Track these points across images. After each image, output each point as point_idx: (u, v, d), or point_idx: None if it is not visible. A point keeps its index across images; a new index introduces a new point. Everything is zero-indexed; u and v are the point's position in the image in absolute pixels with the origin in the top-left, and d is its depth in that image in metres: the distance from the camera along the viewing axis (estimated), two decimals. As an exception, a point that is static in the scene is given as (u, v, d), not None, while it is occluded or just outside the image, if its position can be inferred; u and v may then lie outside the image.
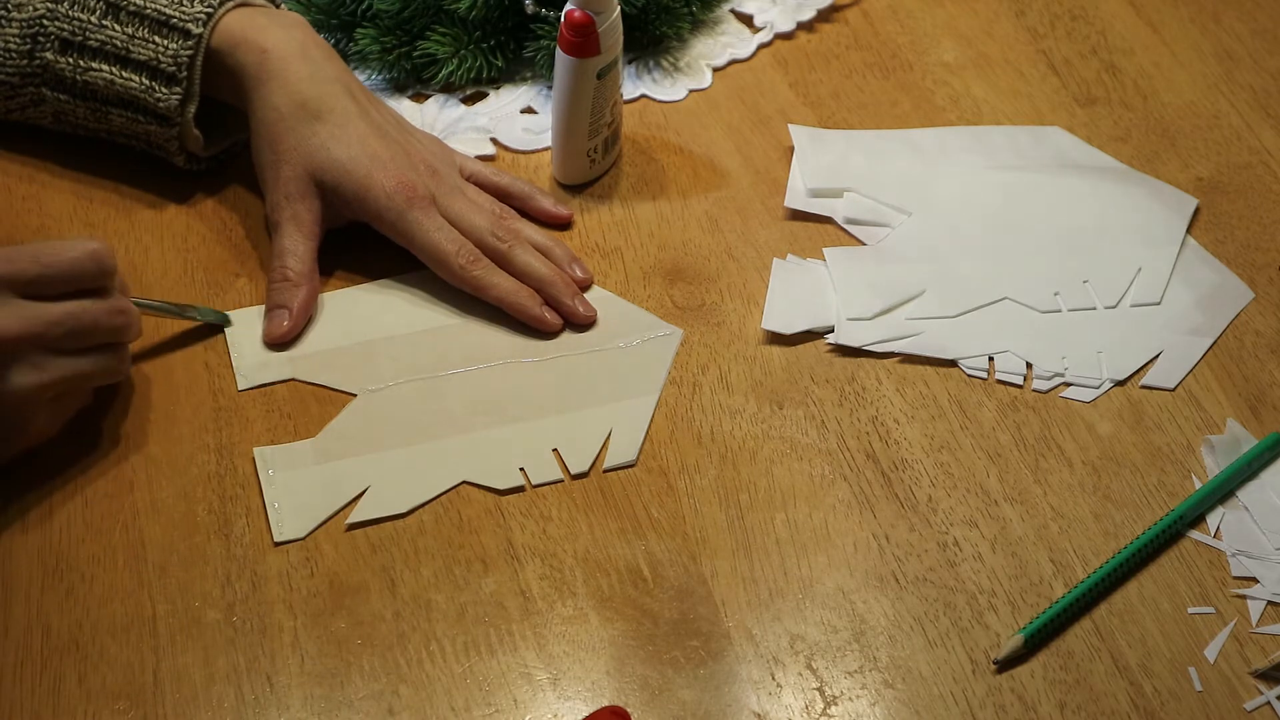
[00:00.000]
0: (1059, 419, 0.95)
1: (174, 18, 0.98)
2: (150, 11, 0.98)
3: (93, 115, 1.01)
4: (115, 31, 0.98)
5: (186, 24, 0.98)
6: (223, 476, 0.90)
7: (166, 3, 0.98)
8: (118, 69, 0.98)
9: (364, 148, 0.97)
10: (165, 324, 0.96)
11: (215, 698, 0.81)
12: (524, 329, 0.97)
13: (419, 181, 0.98)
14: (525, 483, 0.90)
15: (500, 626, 0.85)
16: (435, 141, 1.04)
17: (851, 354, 0.98)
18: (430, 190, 0.98)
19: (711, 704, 0.82)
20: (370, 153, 0.97)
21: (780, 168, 1.08)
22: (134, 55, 0.98)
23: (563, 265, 1.00)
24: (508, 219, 1.01)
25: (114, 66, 0.99)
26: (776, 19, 1.18)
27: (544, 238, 1.01)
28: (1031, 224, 1.05)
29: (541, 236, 1.01)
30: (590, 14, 0.99)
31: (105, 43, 0.98)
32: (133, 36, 0.98)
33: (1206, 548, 0.89)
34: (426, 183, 0.98)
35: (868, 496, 0.91)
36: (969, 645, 0.85)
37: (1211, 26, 1.19)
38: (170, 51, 0.98)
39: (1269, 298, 1.02)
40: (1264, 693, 0.83)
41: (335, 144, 0.97)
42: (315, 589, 0.85)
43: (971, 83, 1.15)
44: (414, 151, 1.00)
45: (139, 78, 0.98)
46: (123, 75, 0.98)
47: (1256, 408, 0.96)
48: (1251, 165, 1.10)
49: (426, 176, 0.99)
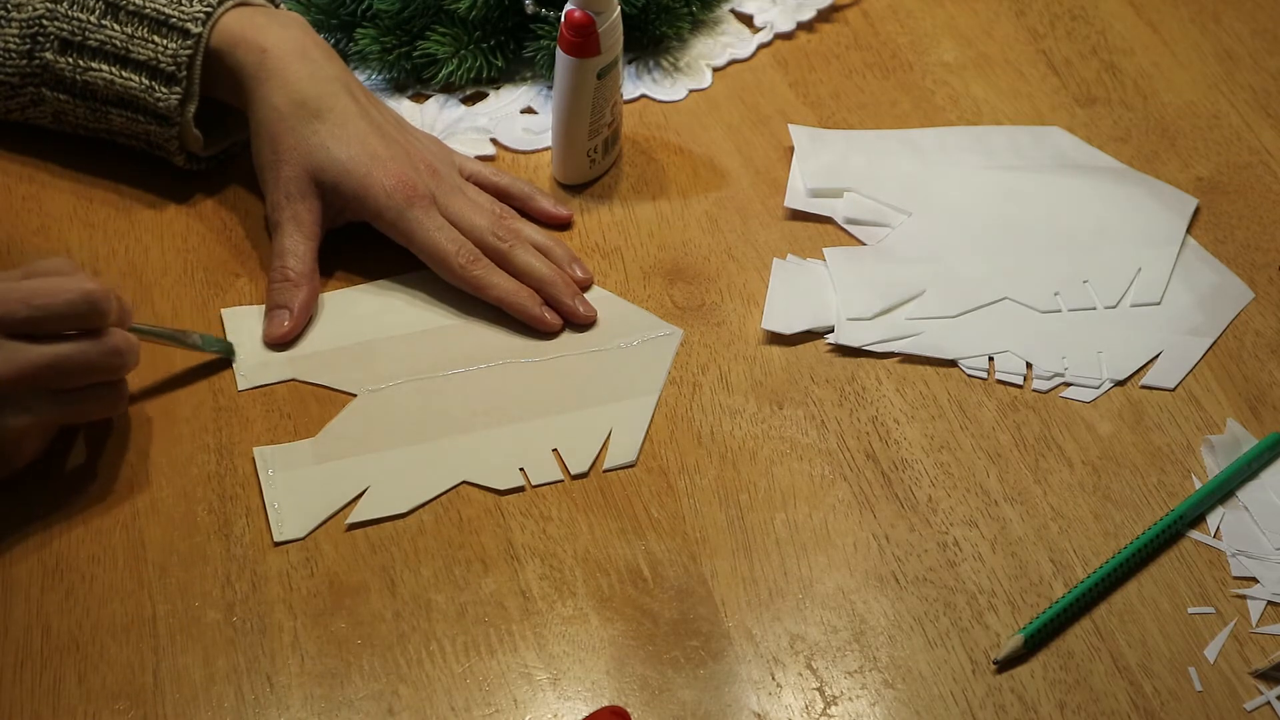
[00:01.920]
0: (1059, 419, 0.95)
1: (173, 17, 0.98)
2: (150, 11, 0.98)
3: (92, 115, 1.01)
4: (115, 31, 0.98)
5: (185, 23, 0.98)
6: (223, 476, 0.90)
7: (166, 2, 0.98)
8: (117, 69, 0.98)
9: (364, 147, 0.97)
10: (164, 320, 0.96)
11: (215, 698, 0.81)
12: (524, 329, 0.97)
13: (419, 180, 0.98)
14: (525, 483, 0.90)
15: (500, 626, 0.85)
16: (435, 141, 1.04)
17: (851, 354, 0.98)
18: (430, 189, 0.98)
19: (711, 704, 0.82)
20: (370, 151, 0.97)
21: (780, 168, 1.08)
22: (133, 55, 0.98)
23: (563, 265, 1.00)
24: (508, 219, 1.01)
25: (114, 66, 0.98)
26: (776, 19, 1.18)
27: (544, 238, 1.01)
28: (1031, 224, 1.05)
29: (541, 236, 1.01)
30: (590, 14, 0.99)
31: (105, 42, 0.98)
32: (132, 36, 0.98)
33: (1206, 548, 0.89)
34: (427, 182, 0.98)
35: (868, 496, 0.91)
36: (969, 645, 0.85)
37: (1211, 26, 1.19)
38: (169, 51, 0.98)
39: (1269, 298, 1.02)
40: (1264, 693, 0.83)
41: (335, 143, 0.97)
42: (315, 589, 0.85)
43: (971, 83, 1.15)
44: (414, 151, 1.00)
45: (139, 77, 0.98)
46: (122, 75, 0.98)
47: (1256, 408, 0.96)
48: (1251, 165, 1.10)
49: (426, 176, 0.99)
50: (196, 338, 0.94)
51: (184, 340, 0.93)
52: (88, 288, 0.84)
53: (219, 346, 0.95)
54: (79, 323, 0.84)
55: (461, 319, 0.98)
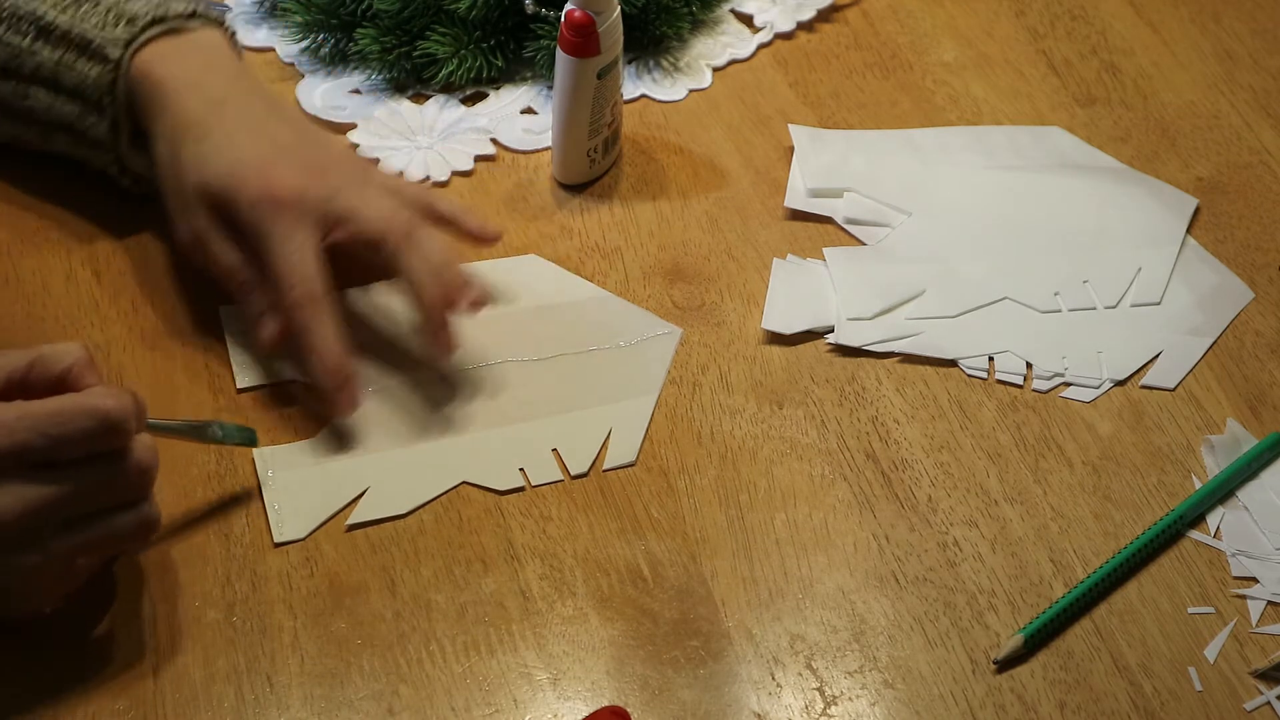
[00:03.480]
0: (1059, 419, 0.95)
1: (95, 42, 0.95)
2: (75, 36, 0.95)
3: (41, 138, 0.99)
4: (45, 56, 0.95)
5: (106, 48, 0.95)
6: (223, 476, 0.90)
7: (93, 25, 0.95)
8: (52, 95, 0.96)
9: (243, 159, 0.91)
10: (164, 320, 0.96)
11: (215, 698, 0.81)
12: (524, 329, 0.97)
13: (298, 192, 0.90)
14: (525, 483, 0.91)
15: (500, 626, 0.85)
16: (348, 156, 0.98)
17: (851, 354, 0.98)
18: (312, 205, 0.90)
19: (711, 704, 0.82)
20: (249, 162, 0.91)
21: (780, 168, 1.08)
22: (62, 81, 0.96)
23: (429, 310, 0.91)
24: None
25: (49, 92, 0.96)
26: (776, 19, 1.18)
27: (428, 276, 0.91)
28: (1031, 224, 1.05)
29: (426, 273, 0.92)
30: (590, 14, 0.99)
31: (38, 68, 0.96)
32: (59, 61, 0.95)
33: (1206, 548, 0.89)
34: (314, 194, 0.90)
35: (868, 496, 0.91)
36: (969, 645, 0.85)
37: (1211, 26, 1.19)
38: (91, 78, 0.95)
39: (1269, 298, 1.02)
40: (1264, 693, 0.83)
41: (216, 158, 0.91)
42: (315, 589, 0.85)
43: (971, 83, 1.15)
44: (310, 162, 0.92)
45: (72, 104, 0.96)
46: (58, 101, 0.96)
47: (1256, 408, 0.96)
48: (1251, 165, 1.10)
49: (315, 188, 0.91)
50: (216, 429, 0.88)
51: (203, 434, 0.88)
52: (105, 408, 0.76)
53: (240, 437, 0.89)
54: (97, 447, 0.77)
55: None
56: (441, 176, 1.07)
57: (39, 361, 0.79)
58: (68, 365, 0.79)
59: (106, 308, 0.97)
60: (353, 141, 1.07)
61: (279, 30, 1.14)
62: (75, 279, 0.99)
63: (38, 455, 0.75)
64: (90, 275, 0.99)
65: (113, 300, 0.98)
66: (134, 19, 0.95)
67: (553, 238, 1.03)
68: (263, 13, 1.16)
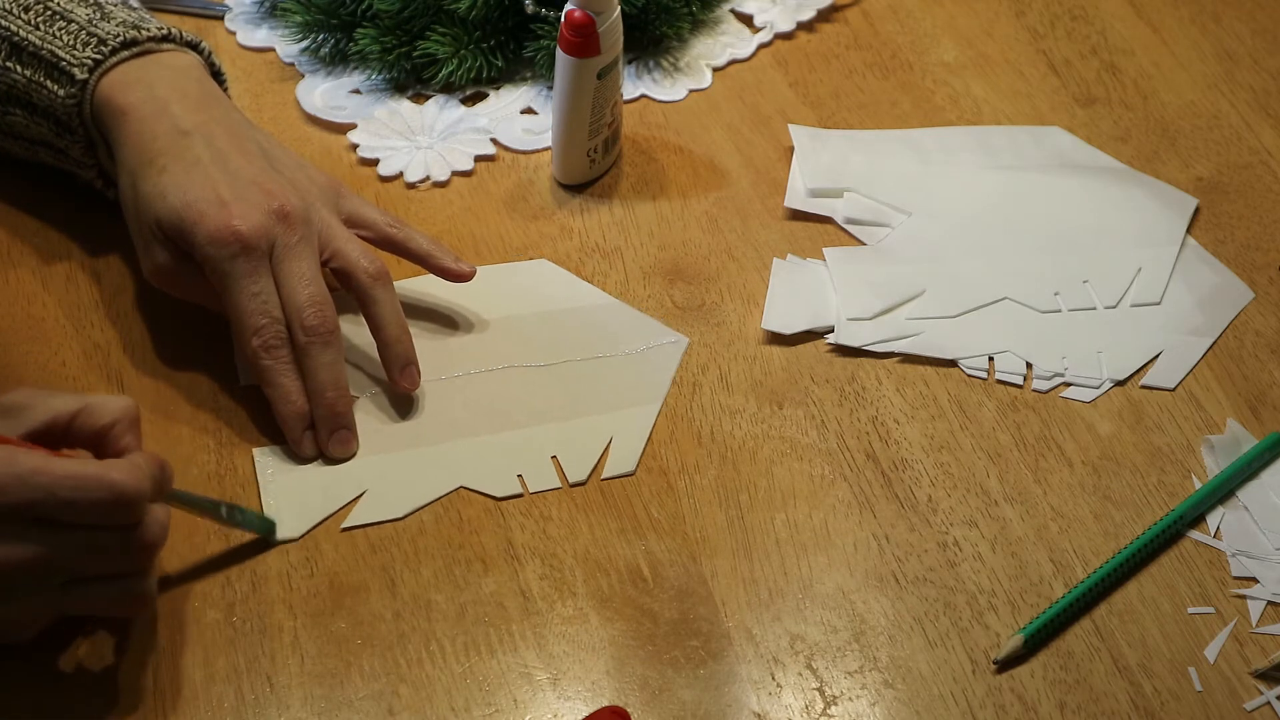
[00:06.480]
0: (1059, 419, 0.95)
1: (63, 61, 0.93)
2: (45, 54, 0.94)
3: (26, 151, 0.99)
4: (18, 75, 0.95)
5: (73, 68, 0.93)
6: (223, 476, 0.90)
7: (62, 44, 0.94)
8: (27, 114, 0.96)
9: (201, 192, 0.89)
10: (165, 320, 0.96)
11: (215, 698, 0.81)
12: (524, 331, 0.97)
13: (251, 234, 0.88)
14: (523, 490, 0.90)
15: (500, 626, 0.85)
16: (321, 187, 0.94)
17: (851, 354, 0.98)
18: (270, 244, 0.89)
19: (711, 704, 0.82)
20: (208, 197, 0.89)
21: (780, 168, 1.08)
22: (35, 100, 0.95)
23: (390, 367, 0.92)
24: (328, 306, 0.90)
25: (24, 110, 0.96)
26: (776, 19, 1.18)
27: (395, 326, 0.92)
28: (1032, 224, 1.05)
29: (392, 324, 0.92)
30: (590, 14, 0.99)
31: (12, 86, 0.95)
32: (30, 80, 0.94)
33: (1206, 548, 0.89)
34: (270, 233, 0.88)
35: (868, 496, 0.91)
36: (969, 645, 0.85)
37: (1211, 26, 1.19)
38: (60, 98, 0.94)
39: (1269, 298, 1.02)
40: (1264, 693, 0.83)
41: (174, 191, 0.89)
42: (315, 589, 0.85)
43: (971, 83, 1.15)
44: (271, 200, 0.90)
45: (46, 123, 0.96)
46: (33, 121, 0.96)
47: (1256, 408, 0.96)
48: (1251, 165, 1.10)
49: (273, 226, 0.89)
50: (237, 514, 0.86)
51: (221, 513, 0.85)
52: (122, 486, 0.75)
53: (259, 525, 0.87)
54: (104, 521, 0.76)
55: (462, 320, 0.98)
56: (441, 176, 1.07)
57: (85, 411, 0.79)
58: (111, 421, 0.79)
59: (106, 308, 0.97)
60: (353, 141, 1.08)
61: (279, 30, 1.14)
62: (75, 279, 0.99)
63: (43, 513, 0.75)
64: (90, 276, 0.99)
65: (112, 300, 0.98)
66: (105, 40, 0.94)
67: (553, 238, 1.03)
68: (263, 13, 1.16)
